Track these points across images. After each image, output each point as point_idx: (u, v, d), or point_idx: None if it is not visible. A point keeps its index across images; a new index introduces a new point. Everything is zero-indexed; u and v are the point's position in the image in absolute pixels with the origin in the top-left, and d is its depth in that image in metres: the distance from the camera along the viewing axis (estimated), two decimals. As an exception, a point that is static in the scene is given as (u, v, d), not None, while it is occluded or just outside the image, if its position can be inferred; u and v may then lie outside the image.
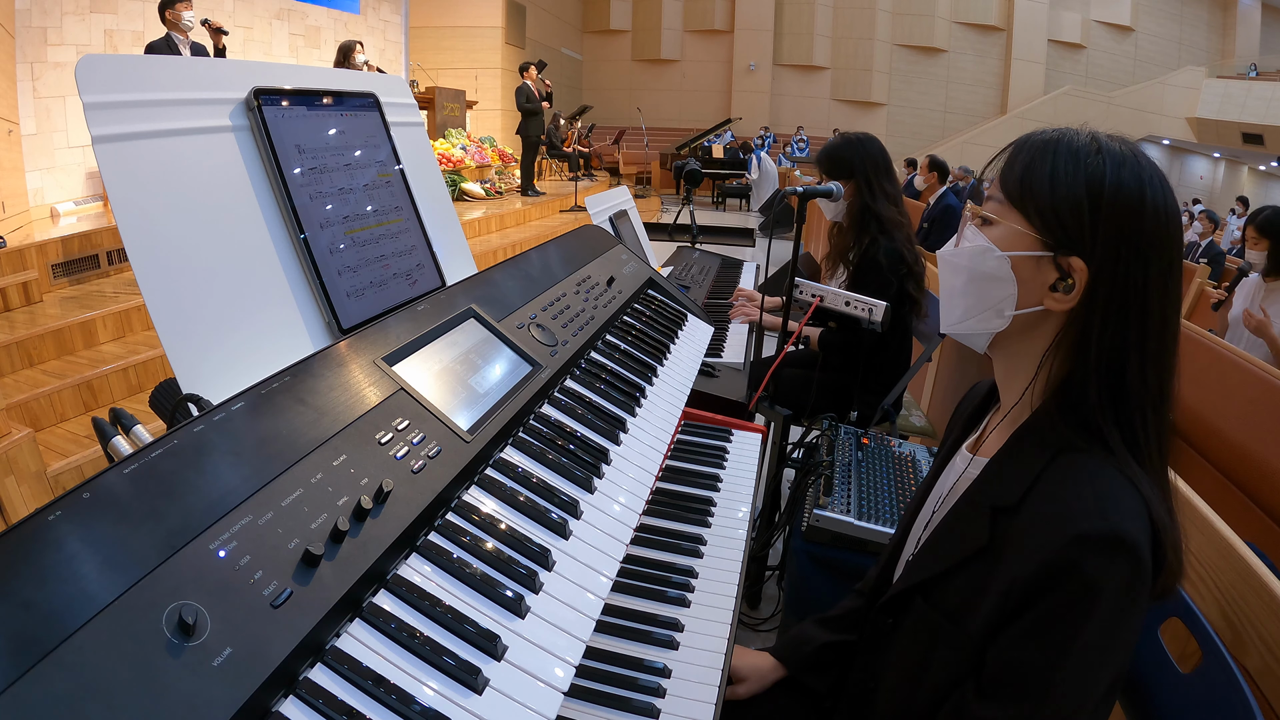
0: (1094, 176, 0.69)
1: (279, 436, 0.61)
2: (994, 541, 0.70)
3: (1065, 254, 0.70)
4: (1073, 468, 0.68)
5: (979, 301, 0.76)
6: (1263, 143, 16.59)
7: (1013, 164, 0.75)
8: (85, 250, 4.10)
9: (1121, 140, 0.72)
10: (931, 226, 5.26)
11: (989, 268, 0.74)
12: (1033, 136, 0.75)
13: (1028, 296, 0.73)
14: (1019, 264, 0.73)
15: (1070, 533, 0.63)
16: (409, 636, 0.57)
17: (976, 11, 18.24)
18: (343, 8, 9.35)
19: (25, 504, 2.09)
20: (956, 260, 0.78)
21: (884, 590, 0.91)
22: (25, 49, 5.12)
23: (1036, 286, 0.72)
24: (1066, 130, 0.74)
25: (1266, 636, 0.89)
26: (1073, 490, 0.66)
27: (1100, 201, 0.68)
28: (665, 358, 1.28)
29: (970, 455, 0.84)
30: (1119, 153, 0.70)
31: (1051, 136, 0.73)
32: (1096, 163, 0.69)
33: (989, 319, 0.76)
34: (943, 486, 0.87)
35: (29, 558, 0.43)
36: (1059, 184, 0.70)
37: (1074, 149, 0.71)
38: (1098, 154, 0.70)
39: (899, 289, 2.05)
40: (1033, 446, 0.72)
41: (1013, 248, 0.73)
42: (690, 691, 0.80)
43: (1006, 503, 0.70)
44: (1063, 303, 0.71)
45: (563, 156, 10.79)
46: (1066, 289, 0.70)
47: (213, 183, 0.86)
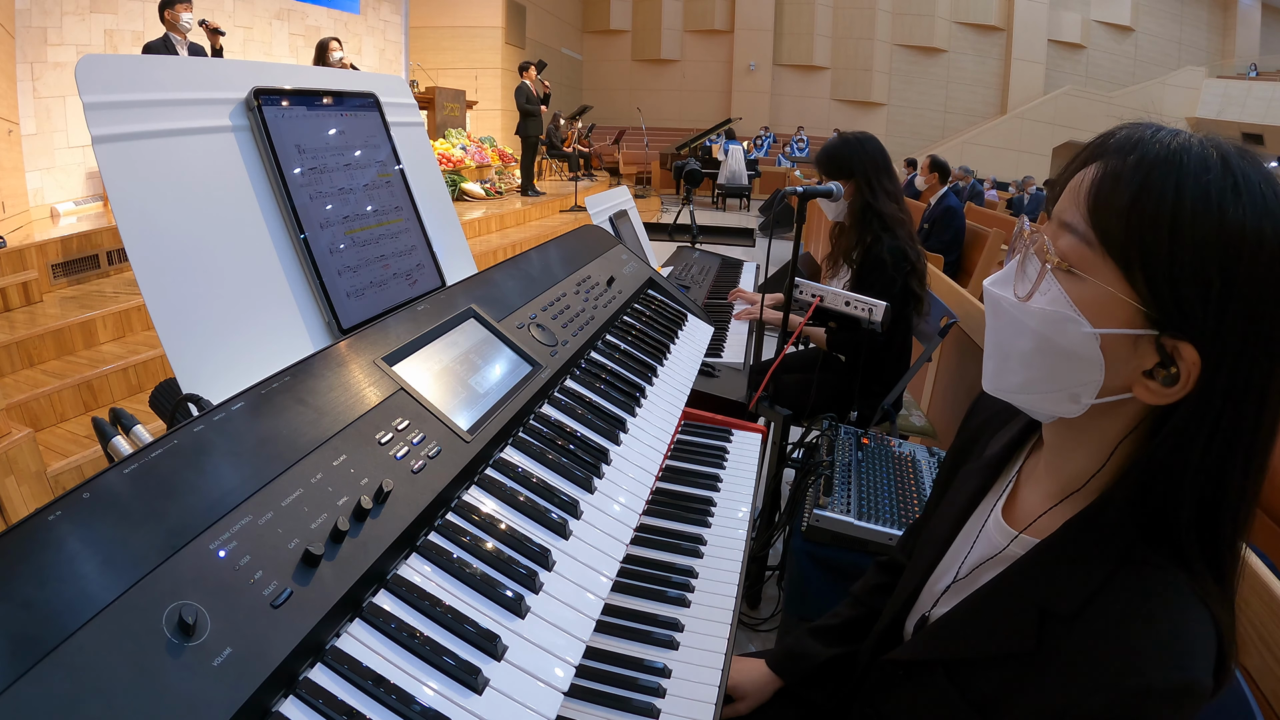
0: (1232, 231, 0.51)
1: (279, 436, 0.61)
2: (1042, 648, 0.60)
3: (1175, 336, 0.53)
4: (1143, 591, 0.57)
5: (1049, 379, 0.60)
6: (1263, 143, 16.59)
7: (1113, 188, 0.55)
8: (85, 250, 4.10)
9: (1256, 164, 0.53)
10: (932, 227, 5.26)
11: (1070, 343, 0.58)
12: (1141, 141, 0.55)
13: (1114, 381, 0.57)
14: (1110, 342, 0.56)
15: (1140, 683, 0.53)
16: (409, 636, 0.57)
17: (976, 11, 18.25)
18: (343, 8, 9.36)
19: (25, 504, 2.09)
20: (1024, 319, 0.60)
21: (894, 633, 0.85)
22: (25, 49, 5.12)
23: (1127, 370, 0.57)
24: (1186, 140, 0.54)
25: (1266, 636, 0.89)
26: (1145, 623, 0.55)
27: (1236, 272, 0.51)
28: (665, 358, 1.28)
29: (1011, 530, 0.70)
30: (1259, 192, 0.51)
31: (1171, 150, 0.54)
32: (1236, 205, 0.51)
33: (1059, 401, 0.61)
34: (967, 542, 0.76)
35: (29, 558, 0.43)
36: (1183, 238, 0.51)
37: (1203, 183, 0.52)
38: (1234, 193, 0.51)
39: (903, 286, 2.05)
40: (1094, 545, 0.60)
41: (1107, 321, 0.56)
42: (690, 691, 0.80)
43: (1059, 611, 0.60)
44: (1159, 396, 0.56)
45: (563, 156, 10.79)
46: (1167, 380, 0.55)
47: (213, 183, 0.86)
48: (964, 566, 0.75)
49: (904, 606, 0.85)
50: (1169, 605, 0.56)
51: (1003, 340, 0.64)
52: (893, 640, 0.86)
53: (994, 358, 0.66)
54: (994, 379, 0.66)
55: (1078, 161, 0.60)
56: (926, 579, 0.82)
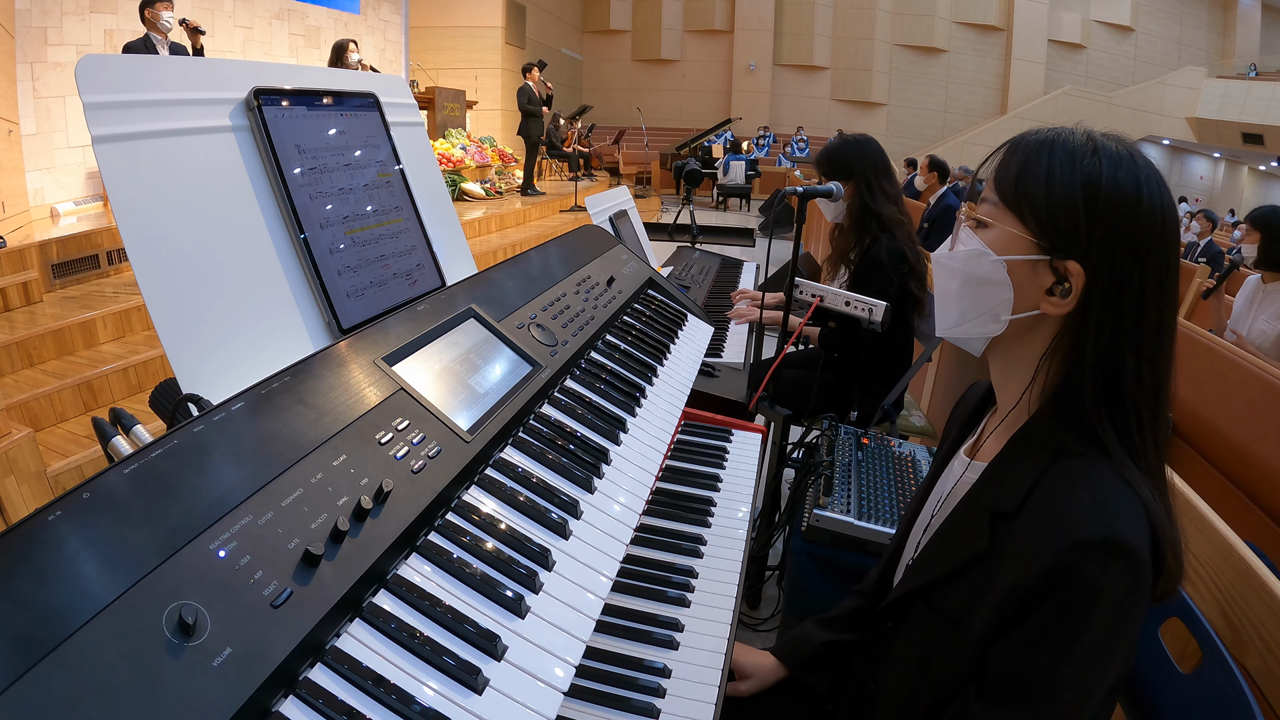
0: (1090, 178, 0.68)
1: (279, 436, 0.61)
2: (994, 546, 0.70)
3: (1061, 257, 0.69)
4: (1070, 473, 0.68)
5: (974, 305, 0.76)
6: (1263, 143, 16.60)
7: (1007, 165, 0.74)
8: (85, 250, 4.09)
9: (1118, 139, 0.71)
10: (932, 226, 5.26)
11: (984, 271, 0.74)
12: (1027, 136, 0.74)
13: (1024, 300, 0.72)
14: (1014, 268, 0.72)
15: (1069, 539, 0.62)
16: (409, 636, 0.57)
17: (976, 11, 18.24)
18: (343, 8, 9.35)
19: (25, 504, 2.09)
20: (951, 263, 0.77)
21: (884, 593, 0.91)
22: (25, 49, 5.12)
23: (1033, 290, 0.72)
24: (1062, 130, 0.73)
25: (1266, 636, 0.89)
26: (1071, 496, 0.66)
27: (1096, 204, 0.67)
28: (665, 358, 1.28)
29: (968, 460, 0.83)
30: (1115, 152, 0.69)
31: (1046, 136, 0.72)
32: (1092, 163, 0.68)
33: (985, 323, 0.76)
34: (941, 490, 0.87)
35: (29, 558, 0.43)
36: (1055, 186, 0.69)
37: (1069, 149, 0.70)
38: (1093, 154, 0.69)
39: (900, 287, 2.05)
40: (1030, 451, 0.72)
41: (1008, 251, 0.72)
42: (690, 691, 0.80)
43: (1005, 508, 0.70)
44: (1059, 307, 0.70)
45: (563, 156, 10.79)
46: (1063, 293, 0.70)
47: (213, 183, 0.86)
48: (937, 509, 0.86)
49: (890, 560, 0.94)
50: (1092, 480, 0.66)
51: (942, 286, 0.80)
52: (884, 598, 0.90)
53: (939, 304, 0.81)
54: (940, 322, 0.81)
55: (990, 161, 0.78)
56: (909, 533, 0.90)
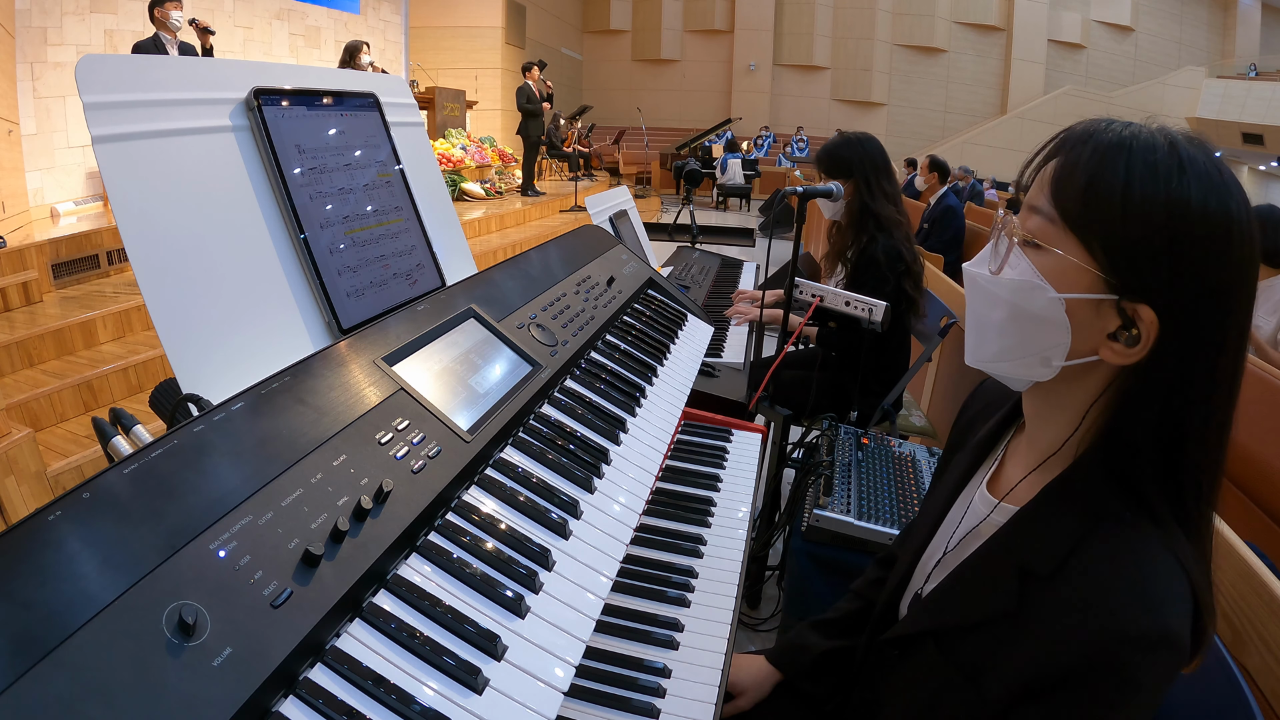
0: (1177, 203, 0.56)
1: (279, 436, 0.61)
2: (1022, 607, 0.63)
3: (1132, 299, 0.58)
4: (1115, 544, 0.60)
5: (1021, 344, 0.64)
6: (1263, 143, 16.60)
7: (1071, 171, 0.60)
8: (85, 250, 4.09)
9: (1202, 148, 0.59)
10: (932, 227, 5.26)
11: (1038, 308, 0.62)
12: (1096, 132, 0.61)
13: (1081, 345, 0.62)
14: (1075, 307, 0.61)
15: (1114, 628, 0.56)
16: (409, 636, 0.57)
17: (976, 11, 18.24)
18: (343, 8, 9.36)
19: (25, 504, 2.09)
20: (996, 290, 0.65)
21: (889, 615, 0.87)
22: (25, 49, 5.12)
23: (1092, 333, 0.61)
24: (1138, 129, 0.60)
25: (1266, 636, 0.89)
26: (1115, 576, 0.58)
27: (1183, 238, 0.56)
28: (665, 358, 1.28)
29: (994, 499, 0.74)
30: (1204, 169, 0.57)
31: (1121, 137, 0.59)
32: (1180, 184, 0.56)
33: (1031, 366, 0.65)
34: (957, 521, 0.79)
35: (29, 558, 0.43)
36: (1133, 209, 0.57)
37: (1151, 161, 0.57)
38: (1180, 170, 0.56)
39: (896, 287, 2.05)
40: (1070, 507, 0.63)
41: (1070, 287, 0.61)
42: (690, 691, 0.80)
43: (1038, 569, 0.62)
44: (1122, 356, 0.60)
45: (563, 156, 10.79)
46: (1130, 340, 0.59)
47: (213, 183, 0.86)
48: (952, 540, 0.78)
49: (898, 587, 0.87)
50: (1139, 555, 0.59)
51: (979, 313, 0.69)
52: (889, 623, 0.87)
53: (973, 331, 0.70)
54: (974, 351, 0.71)
55: (1041, 156, 0.65)
56: (918, 559, 0.84)
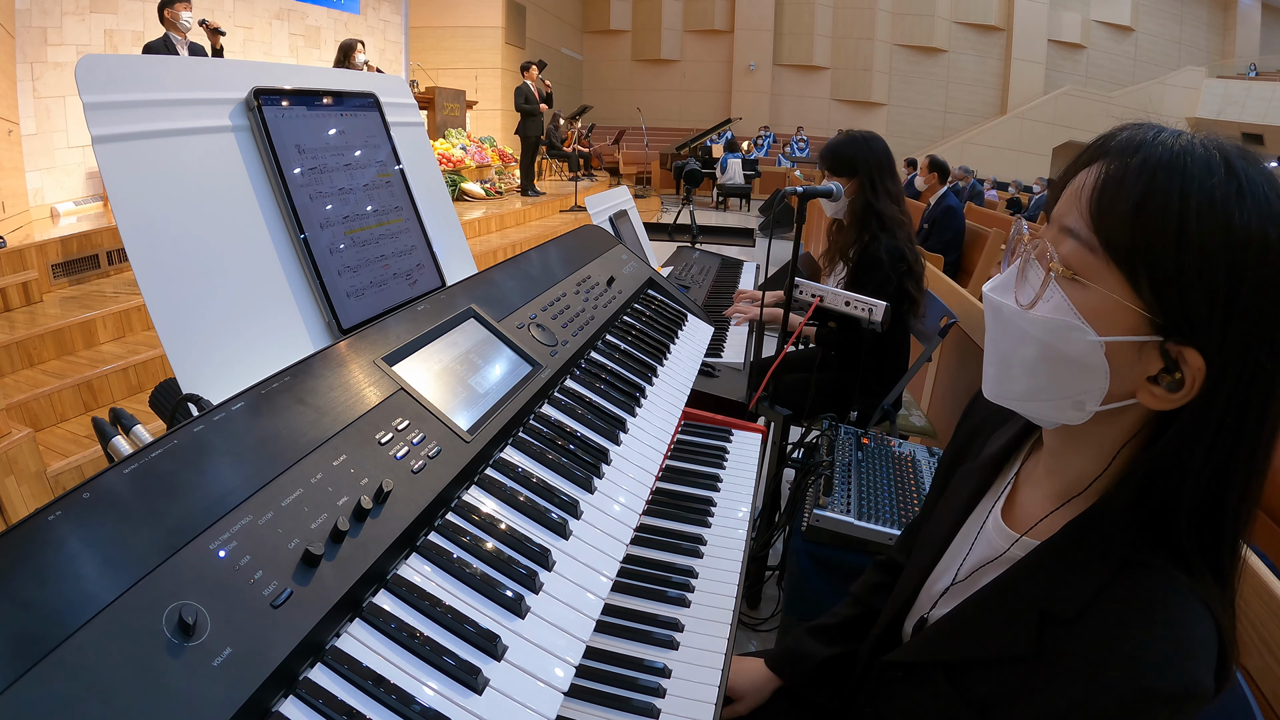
0: (1238, 232, 0.50)
1: (279, 436, 0.61)
2: (1042, 651, 0.60)
3: (1180, 342, 0.53)
4: (1144, 594, 0.57)
5: (1053, 387, 0.59)
6: (1263, 143, 16.58)
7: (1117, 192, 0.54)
8: (85, 250, 4.09)
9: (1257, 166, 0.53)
10: (932, 227, 5.26)
11: (1075, 351, 0.57)
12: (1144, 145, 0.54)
13: (1119, 388, 0.57)
14: (1115, 349, 0.55)
15: (1142, 683, 0.53)
16: (409, 636, 0.57)
17: (976, 11, 18.24)
18: (343, 8, 9.35)
19: (25, 504, 2.09)
20: (1027, 328, 0.59)
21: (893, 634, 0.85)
22: (25, 49, 5.12)
23: (1131, 376, 0.56)
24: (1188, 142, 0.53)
25: (1266, 636, 0.89)
26: (1144, 629, 0.55)
27: (1243, 278, 0.50)
28: (665, 358, 1.28)
29: (1011, 533, 0.70)
30: (1263, 193, 0.51)
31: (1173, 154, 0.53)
32: (1241, 214, 0.50)
33: (1063, 409, 0.60)
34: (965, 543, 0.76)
35: (29, 558, 0.43)
36: (1190, 244, 0.50)
37: (1208, 187, 0.51)
38: (1239, 196, 0.50)
39: (898, 287, 2.05)
40: (1095, 549, 0.60)
41: (1112, 329, 0.55)
42: (690, 691, 0.80)
43: (1059, 613, 0.60)
44: (1163, 401, 0.55)
45: (563, 156, 10.79)
46: (1171, 385, 0.54)
47: (213, 183, 0.86)
48: (963, 568, 0.75)
49: (902, 608, 0.85)
50: (1169, 608, 0.56)
51: (1005, 347, 0.63)
52: (891, 641, 0.86)
53: (995, 364, 0.65)
54: (996, 386, 0.65)
55: (1079, 162, 0.59)
56: (924, 580, 0.82)
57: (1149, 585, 0.57)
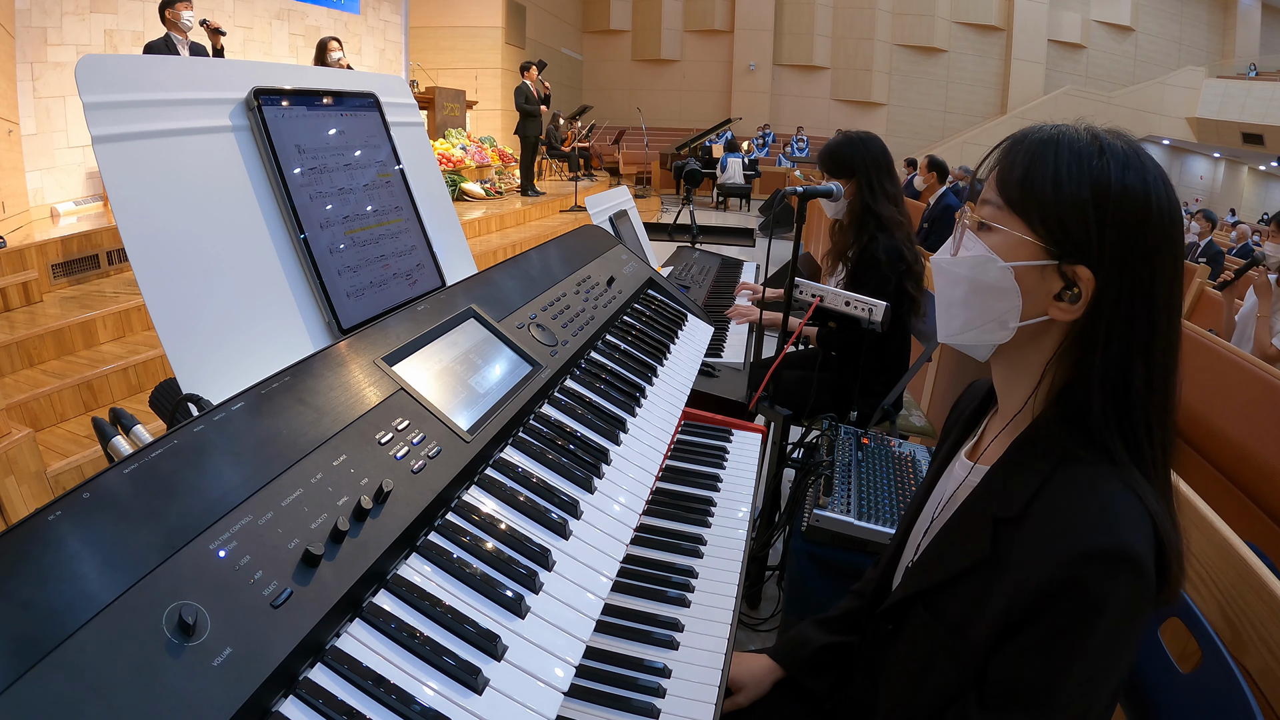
0: (1099, 180, 0.66)
1: (279, 436, 0.61)
2: (996, 553, 0.69)
3: (1071, 263, 0.67)
4: (1076, 480, 0.67)
5: (981, 313, 0.74)
6: (1263, 143, 16.59)
7: (1010, 165, 0.71)
8: (85, 250, 4.09)
9: (1121, 136, 0.69)
10: (931, 226, 5.26)
11: (991, 279, 0.72)
12: (1030, 134, 0.72)
13: (1032, 307, 0.71)
14: (1022, 274, 0.70)
15: (1075, 548, 0.62)
16: (409, 636, 0.57)
17: (976, 11, 18.23)
18: (343, 8, 9.35)
19: (25, 504, 2.09)
20: (956, 270, 0.75)
21: (884, 595, 0.90)
22: (25, 49, 5.12)
23: (1041, 296, 0.70)
24: (1064, 127, 0.71)
25: (1266, 636, 0.89)
26: (1077, 504, 0.65)
27: (1107, 207, 0.65)
28: (665, 358, 1.28)
29: (970, 463, 0.82)
30: (1122, 152, 0.67)
31: (1050, 135, 0.70)
32: (1100, 164, 0.66)
33: (992, 330, 0.74)
34: (942, 492, 0.86)
35: (29, 558, 0.43)
36: (1063, 188, 0.67)
37: (1076, 149, 0.68)
38: (1100, 154, 0.67)
39: (898, 287, 2.05)
40: (1034, 456, 0.70)
41: (1016, 257, 0.70)
42: (690, 691, 0.80)
43: (1008, 514, 0.69)
44: (1068, 313, 0.69)
45: (562, 156, 10.79)
46: (1073, 298, 0.68)
47: (213, 183, 0.86)
48: (938, 511, 0.84)
49: (889, 564, 0.93)
50: (1098, 488, 0.65)
51: (945, 293, 0.78)
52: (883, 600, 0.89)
53: (942, 311, 0.79)
54: (944, 328, 0.79)
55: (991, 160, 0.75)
56: (908, 534, 0.90)
57: (1079, 476, 0.67)
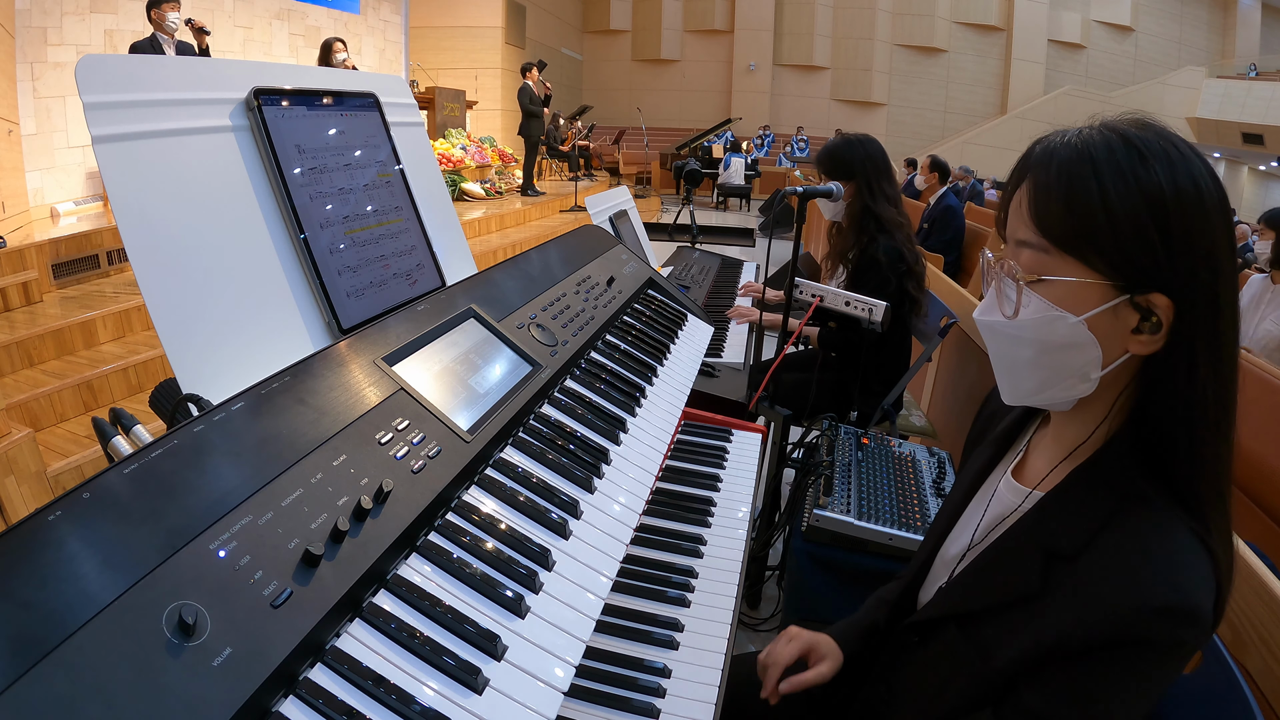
0: (1151, 192, 0.59)
1: (279, 436, 0.61)
2: (1046, 588, 0.65)
3: (1143, 292, 0.61)
4: (1142, 523, 0.62)
5: (1057, 372, 0.66)
6: (1263, 143, 16.59)
7: (1045, 197, 0.63)
8: (85, 250, 4.09)
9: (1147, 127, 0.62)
10: (932, 227, 5.26)
11: (1063, 337, 0.64)
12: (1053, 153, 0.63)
13: (1112, 350, 0.64)
14: (1095, 321, 0.63)
15: (1142, 601, 0.58)
16: (409, 636, 0.57)
17: (976, 11, 18.24)
18: (343, 8, 9.35)
19: (25, 504, 2.09)
20: (1018, 333, 0.67)
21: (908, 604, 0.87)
22: (25, 49, 5.12)
23: (1119, 336, 0.63)
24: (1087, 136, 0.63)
25: (1266, 636, 0.89)
26: (1143, 552, 0.60)
27: (1167, 221, 0.59)
28: (665, 358, 1.28)
29: (1021, 487, 0.75)
30: (1161, 149, 0.60)
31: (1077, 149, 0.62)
32: (1146, 172, 0.59)
33: (1072, 386, 0.67)
34: (979, 510, 0.80)
35: (29, 558, 0.43)
36: (1116, 212, 0.59)
37: (1115, 162, 0.60)
38: (1142, 160, 0.59)
39: (898, 287, 2.05)
40: (1096, 489, 0.65)
41: (1085, 306, 0.62)
42: (690, 691, 0.80)
43: (1063, 550, 0.64)
44: (1149, 345, 0.62)
45: (562, 157, 10.79)
46: (1152, 328, 0.62)
47: (213, 183, 0.86)
48: (978, 531, 0.78)
49: (916, 578, 0.87)
50: (1166, 536, 0.60)
51: (1006, 356, 0.70)
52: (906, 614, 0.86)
53: (1005, 374, 0.72)
54: (1011, 392, 0.72)
55: (1012, 183, 0.67)
56: (938, 548, 0.85)
57: (1146, 518, 0.62)
